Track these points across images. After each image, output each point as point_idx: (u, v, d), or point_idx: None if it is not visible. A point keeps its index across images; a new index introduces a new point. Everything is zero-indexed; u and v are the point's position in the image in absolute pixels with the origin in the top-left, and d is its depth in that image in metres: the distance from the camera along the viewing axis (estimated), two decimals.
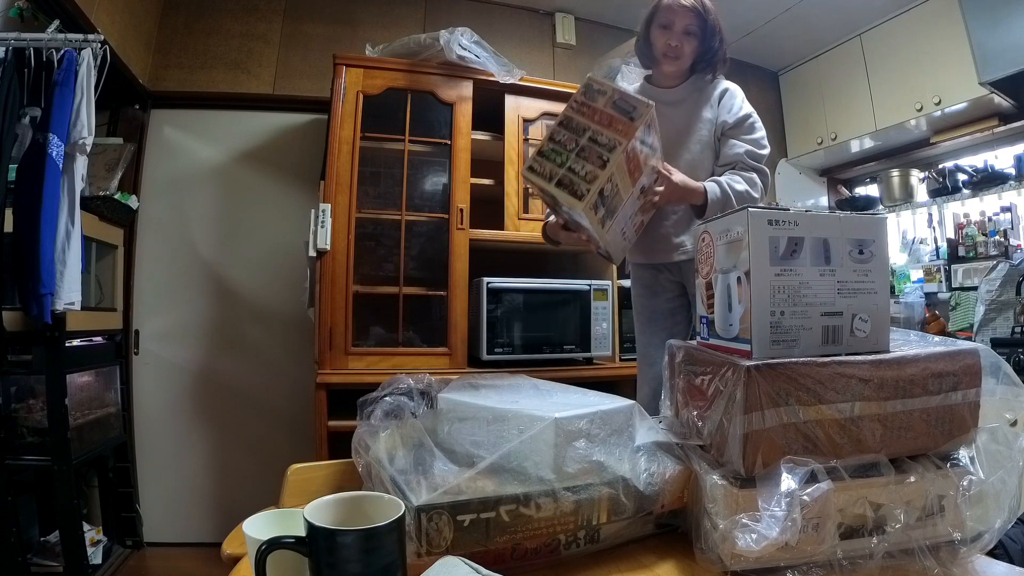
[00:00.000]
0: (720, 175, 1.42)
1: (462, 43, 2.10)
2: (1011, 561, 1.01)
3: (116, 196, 2.22)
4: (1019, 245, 2.65)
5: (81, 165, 1.78)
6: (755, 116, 1.49)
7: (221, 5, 2.65)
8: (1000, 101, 2.55)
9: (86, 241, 1.86)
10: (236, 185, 2.64)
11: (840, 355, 0.63)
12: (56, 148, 1.68)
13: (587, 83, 1.10)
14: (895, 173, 3.19)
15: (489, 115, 2.18)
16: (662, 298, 1.57)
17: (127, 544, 2.36)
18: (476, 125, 2.14)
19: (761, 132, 1.48)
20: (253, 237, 2.63)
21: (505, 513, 0.59)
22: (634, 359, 1.72)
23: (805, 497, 0.55)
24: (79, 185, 1.77)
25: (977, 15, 2.46)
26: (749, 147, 1.44)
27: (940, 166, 3.03)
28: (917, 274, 3.05)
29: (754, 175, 1.42)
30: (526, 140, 2.21)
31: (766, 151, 1.47)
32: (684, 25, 1.42)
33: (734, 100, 1.49)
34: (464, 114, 2.12)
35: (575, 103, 1.10)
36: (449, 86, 2.12)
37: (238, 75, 2.62)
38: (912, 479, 0.60)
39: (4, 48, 1.69)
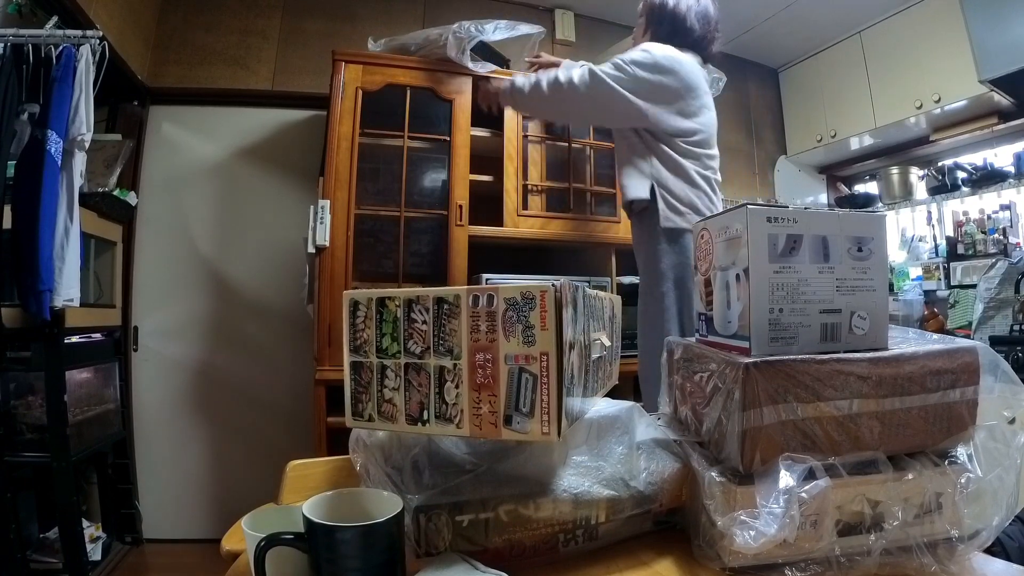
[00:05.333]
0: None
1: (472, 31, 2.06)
2: (1008, 559, 1.02)
3: (115, 192, 2.21)
4: (1018, 243, 2.66)
5: (80, 161, 1.77)
6: (642, 48, 1.60)
7: (220, 1, 2.64)
8: (1000, 99, 2.55)
9: (85, 237, 1.86)
10: (235, 181, 2.64)
11: (839, 352, 0.63)
12: (55, 144, 1.67)
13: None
14: (895, 171, 3.20)
15: (488, 111, 2.17)
16: None
17: (126, 540, 2.36)
18: (475, 121, 2.14)
19: (633, 53, 1.59)
20: (252, 233, 2.63)
21: (504, 513, 0.59)
22: (634, 355, 1.70)
23: (803, 494, 0.55)
24: (78, 181, 1.77)
25: (977, 13, 2.46)
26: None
27: (939, 164, 3.03)
28: (916, 272, 3.06)
29: (587, 69, 1.59)
30: (525, 136, 2.21)
31: (627, 57, 1.57)
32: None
33: None
34: (463, 110, 2.11)
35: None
36: (448, 82, 2.11)
37: (237, 71, 2.61)
38: (910, 476, 0.60)
39: (2, 44, 1.68)
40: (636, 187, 1.61)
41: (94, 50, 1.80)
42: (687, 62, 1.63)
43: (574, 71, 1.60)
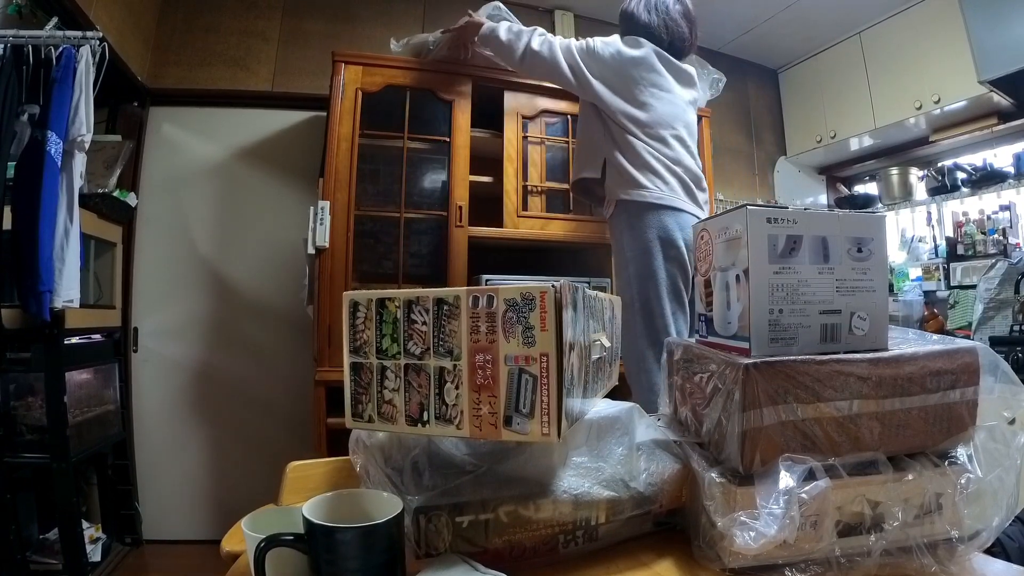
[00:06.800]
0: None
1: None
2: (1008, 559, 1.02)
3: (115, 193, 2.21)
4: (1018, 244, 2.66)
5: (80, 162, 1.77)
6: (605, 38, 1.76)
7: (220, 2, 2.64)
8: (999, 99, 2.55)
9: (85, 238, 1.86)
10: (235, 182, 2.64)
11: (839, 353, 0.63)
12: (55, 145, 1.68)
13: None
14: (894, 171, 3.20)
15: (488, 112, 2.17)
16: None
17: (126, 541, 2.36)
18: (475, 122, 2.14)
19: (603, 37, 1.76)
20: (252, 234, 2.63)
21: (504, 514, 0.59)
22: None
23: (803, 495, 0.55)
24: (78, 182, 1.77)
25: (976, 14, 2.46)
26: None
27: (939, 164, 3.03)
28: (916, 272, 3.06)
29: (532, 34, 1.77)
30: (525, 137, 2.21)
31: (578, 42, 1.75)
32: None
33: None
34: (463, 111, 2.11)
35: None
36: (448, 83, 2.11)
37: (237, 72, 2.61)
38: (910, 477, 0.60)
39: (2, 45, 1.68)
40: (588, 164, 1.78)
41: (94, 51, 1.80)
42: (646, 55, 1.73)
43: (545, 41, 1.77)
